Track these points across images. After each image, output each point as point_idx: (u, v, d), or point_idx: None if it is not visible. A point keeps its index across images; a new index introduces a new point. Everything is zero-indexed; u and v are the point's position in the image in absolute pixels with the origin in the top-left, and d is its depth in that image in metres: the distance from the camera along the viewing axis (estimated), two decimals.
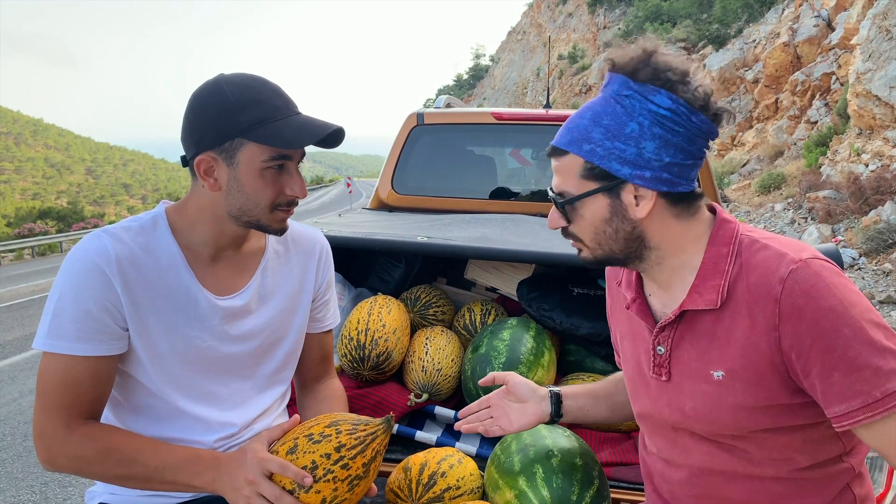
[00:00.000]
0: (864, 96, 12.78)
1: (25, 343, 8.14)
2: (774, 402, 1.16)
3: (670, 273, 1.27)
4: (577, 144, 1.20)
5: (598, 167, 1.19)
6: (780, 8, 22.66)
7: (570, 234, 1.29)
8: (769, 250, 1.17)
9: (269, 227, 1.40)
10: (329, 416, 1.36)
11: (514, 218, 3.07)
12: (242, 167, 1.34)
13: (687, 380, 1.26)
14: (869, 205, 10.90)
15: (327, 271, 1.72)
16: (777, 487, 1.23)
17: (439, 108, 3.98)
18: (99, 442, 1.31)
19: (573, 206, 1.24)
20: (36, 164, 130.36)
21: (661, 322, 1.28)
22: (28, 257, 21.71)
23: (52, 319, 1.31)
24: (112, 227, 1.40)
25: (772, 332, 1.13)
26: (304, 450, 1.27)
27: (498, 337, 2.18)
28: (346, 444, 1.27)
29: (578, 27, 50.13)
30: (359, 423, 1.33)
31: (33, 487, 4.17)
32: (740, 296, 1.17)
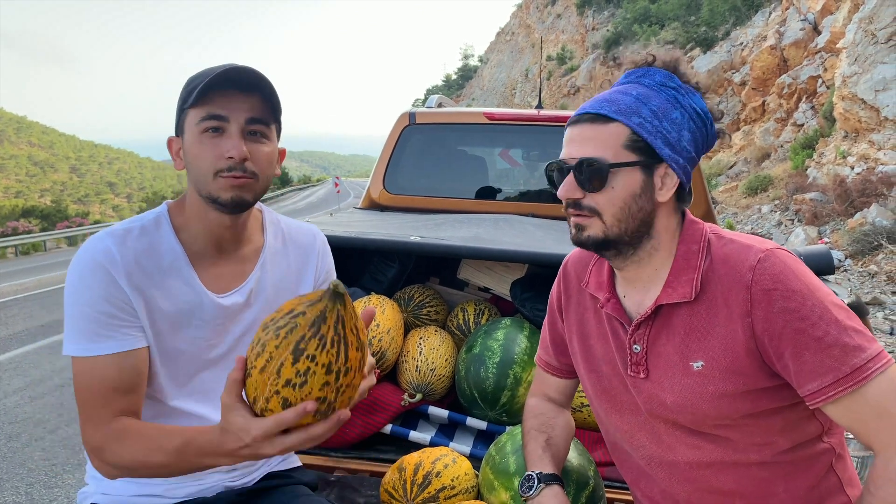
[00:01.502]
0: (850, 99, 12.90)
1: (9, 343, 8.05)
2: (753, 386, 1.21)
3: (651, 269, 1.31)
4: (626, 115, 1.23)
5: (643, 141, 1.23)
6: (767, 11, 22.84)
7: (585, 206, 1.26)
8: (736, 244, 1.25)
9: (218, 198, 1.35)
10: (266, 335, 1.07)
11: (507, 218, 3.06)
12: (187, 137, 1.37)
13: (666, 374, 1.28)
14: (855, 207, 11.00)
15: (326, 262, 1.70)
16: (763, 473, 1.27)
17: (431, 108, 3.97)
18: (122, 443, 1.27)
19: (607, 174, 1.23)
20: (19, 162, 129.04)
21: (637, 319, 1.31)
22: (11, 256, 21.46)
23: (74, 325, 1.30)
24: (115, 228, 1.38)
25: (745, 318, 1.18)
26: (273, 381, 1.04)
27: (492, 337, 2.17)
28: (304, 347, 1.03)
29: (567, 28, 50.27)
30: (290, 315, 1.05)
31: (18, 489, 4.11)
32: (713, 287, 1.23)
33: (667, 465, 1.35)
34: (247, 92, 1.36)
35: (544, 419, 1.55)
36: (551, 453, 1.47)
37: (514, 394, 2.07)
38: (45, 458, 4.55)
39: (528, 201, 3.59)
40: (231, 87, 1.34)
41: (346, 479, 1.89)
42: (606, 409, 1.44)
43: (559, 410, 1.60)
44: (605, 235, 1.26)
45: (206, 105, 1.33)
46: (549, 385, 1.63)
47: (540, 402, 1.61)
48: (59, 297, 11.61)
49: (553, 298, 1.59)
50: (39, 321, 9.47)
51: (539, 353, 1.66)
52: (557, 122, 3.56)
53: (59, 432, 5.01)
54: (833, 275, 2.20)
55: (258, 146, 1.38)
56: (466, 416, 2.15)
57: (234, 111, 1.34)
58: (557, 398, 1.63)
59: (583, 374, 1.49)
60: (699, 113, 1.26)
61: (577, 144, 1.26)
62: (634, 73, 1.30)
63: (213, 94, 1.33)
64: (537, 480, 1.39)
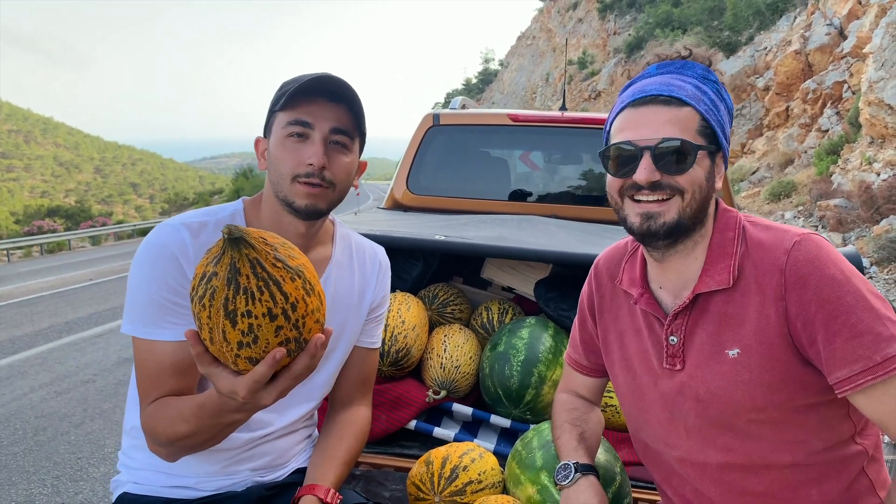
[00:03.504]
0: (877, 105, 12.74)
1: (35, 339, 8.18)
2: (788, 374, 1.20)
3: (691, 259, 1.30)
4: (695, 101, 1.24)
5: (710, 127, 1.24)
6: (792, 16, 22.61)
7: (667, 186, 1.23)
8: (773, 229, 1.26)
9: (293, 201, 1.39)
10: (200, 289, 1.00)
11: (530, 218, 3.07)
12: (273, 138, 1.40)
13: (701, 364, 1.28)
14: (880, 214, 10.85)
15: (384, 287, 1.72)
16: (795, 475, 1.25)
17: (455, 109, 3.98)
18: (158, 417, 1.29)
19: (695, 155, 1.22)
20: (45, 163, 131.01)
21: (675, 310, 1.31)
22: (37, 254, 21.81)
23: (138, 307, 1.33)
24: (191, 219, 1.41)
25: (779, 302, 1.18)
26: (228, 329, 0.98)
27: (517, 335, 2.18)
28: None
29: (588, 33, 50.10)
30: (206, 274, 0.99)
31: (45, 481, 4.18)
32: (749, 273, 1.23)
33: (698, 466, 1.33)
34: (334, 102, 1.39)
35: (578, 414, 1.56)
36: (585, 446, 1.47)
37: (539, 392, 2.08)
38: (71, 451, 4.63)
39: (552, 202, 3.60)
40: (320, 96, 1.37)
41: (371, 473, 1.91)
42: (638, 407, 1.43)
43: (590, 407, 1.62)
44: (679, 219, 1.23)
45: (294, 110, 1.36)
46: (577, 383, 1.64)
47: (571, 398, 1.62)
48: (83, 295, 11.79)
49: (584, 299, 1.59)
50: (64, 318, 9.61)
51: (569, 351, 1.66)
52: (582, 124, 3.56)
53: (84, 427, 5.08)
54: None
55: (339, 156, 1.41)
56: (490, 414, 2.16)
57: (319, 119, 1.37)
58: (587, 396, 1.64)
59: (617, 373, 1.48)
60: (731, 109, 1.30)
61: (652, 125, 1.23)
62: (672, 65, 1.29)
63: (302, 100, 1.36)
64: (574, 469, 1.39)
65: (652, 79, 1.28)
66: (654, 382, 1.37)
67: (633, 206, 1.26)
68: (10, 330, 8.85)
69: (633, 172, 1.23)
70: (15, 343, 7.99)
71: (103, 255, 20.78)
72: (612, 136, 1.30)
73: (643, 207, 1.24)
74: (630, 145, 1.24)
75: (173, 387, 1.34)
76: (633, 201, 1.26)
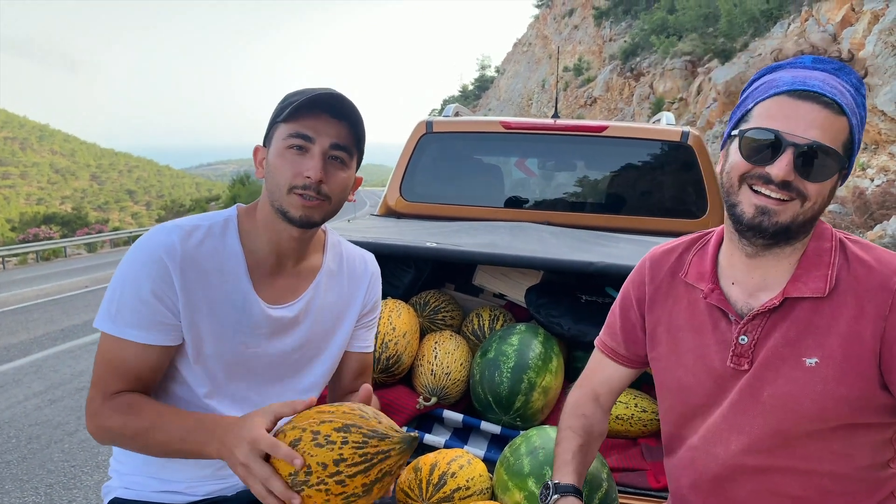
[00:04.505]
0: (870, 111, 12.81)
1: (30, 347, 8.17)
2: (863, 392, 1.19)
3: (786, 263, 1.28)
4: (852, 113, 1.18)
5: (852, 144, 1.20)
6: (786, 23, 22.73)
7: (795, 188, 1.17)
8: (876, 250, 1.25)
9: (288, 212, 1.40)
10: (349, 413, 1.22)
11: (522, 225, 3.09)
12: (272, 149, 1.42)
13: (772, 367, 1.26)
14: (874, 219, 10.90)
15: (375, 294, 1.74)
16: (830, 484, 1.26)
17: (448, 117, 4.00)
18: (121, 413, 1.35)
19: (837, 169, 1.18)
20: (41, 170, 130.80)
21: (758, 309, 1.27)
22: (32, 262, 21.77)
23: (115, 304, 1.36)
24: (185, 223, 1.44)
25: (879, 321, 1.17)
26: (305, 449, 1.17)
27: (507, 342, 2.19)
28: (346, 460, 1.15)
29: (584, 39, 50.30)
30: (373, 437, 1.17)
31: (38, 489, 4.18)
32: (847, 287, 1.22)
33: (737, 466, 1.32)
34: (337, 118, 1.41)
35: (587, 422, 1.51)
36: (579, 461, 1.43)
37: (528, 399, 2.09)
38: (65, 459, 4.62)
39: (545, 209, 3.61)
40: (324, 111, 1.39)
41: None
42: (684, 404, 1.40)
43: (601, 416, 1.55)
44: (791, 222, 1.19)
45: (296, 123, 1.38)
46: (603, 376, 1.57)
47: (586, 401, 1.56)
48: (78, 302, 11.78)
49: (630, 290, 1.53)
50: (59, 325, 9.60)
51: (603, 338, 1.59)
52: (573, 131, 3.58)
53: (77, 434, 5.08)
54: None
55: (336, 171, 1.43)
56: (481, 421, 2.16)
57: (320, 134, 1.39)
58: (603, 395, 1.57)
59: (666, 368, 1.44)
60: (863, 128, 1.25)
61: (806, 123, 1.15)
62: (830, 64, 1.21)
63: (304, 113, 1.38)
64: (553, 491, 1.35)
65: (811, 72, 1.20)
66: (711, 380, 1.34)
67: (751, 195, 1.20)
68: (5, 338, 8.84)
69: (767, 163, 1.17)
70: (9, 351, 7.97)
71: (99, 262, 20.75)
72: (755, 117, 1.22)
73: (762, 200, 1.19)
74: (777, 135, 1.16)
75: (135, 385, 1.39)
76: (752, 191, 1.20)
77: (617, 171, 3.70)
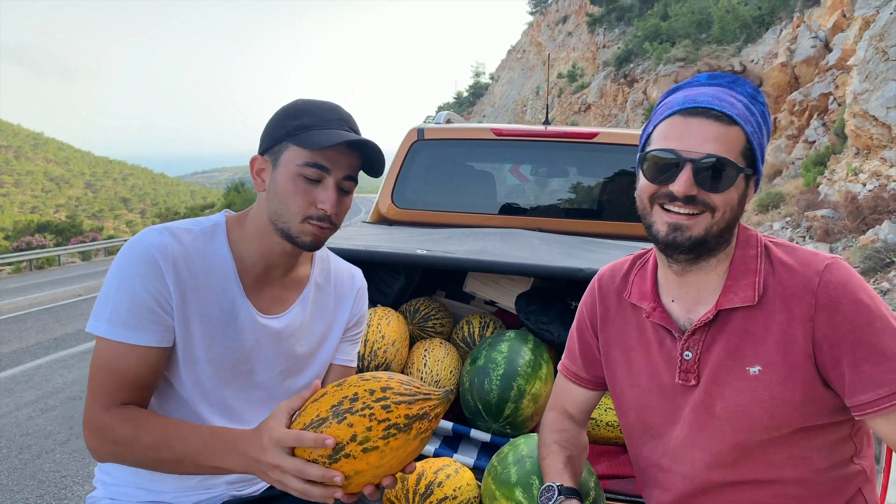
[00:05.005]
0: (862, 116, 12.88)
1: (22, 356, 8.12)
2: (807, 394, 1.21)
3: (715, 277, 1.30)
4: (745, 121, 1.22)
5: (752, 151, 1.23)
6: (778, 29, 22.85)
7: (700, 202, 1.21)
8: (800, 251, 1.27)
9: (298, 238, 1.39)
10: (387, 372, 1.28)
11: (513, 232, 3.08)
12: (281, 169, 1.38)
13: (718, 380, 1.27)
14: (867, 224, 10.94)
15: (360, 309, 1.73)
16: (798, 491, 1.27)
17: (440, 124, 4.00)
18: (131, 425, 1.31)
19: (736, 177, 1.21)
20: (35, 178, 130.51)
21: (694, 325, 1.29)
22: (26, 270, 21.68)
23: (109, 307, 1.33)
24: (174, 225, 1.42)
25: (807, 323, 1.19)
26: (350, 383, 1.18)
27: (496, 349, 2.19)
28: (393, 388, 1.15)
29: (578, 46, 50.47)
30: (414, 381, 1.21)
31: (28, 500, 4.14)
32: (774, 292, 1.24)
33: (704, 481, 1.32)
34: (351, 149, 1.40)
35: (568, 436, 1.53)
36: (571, 470, 1.44)
37: (518, 406, 2.08)
38: (56, 469, 4.59)
39: (536, 216, 3.62)
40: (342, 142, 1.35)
41: None
42: (644, 423, 1.41)
43: (579, 430, 1.58)
44: (705, 235, 1.22)
45: (313, 152, 1.35)
46: (570, 398, 1.60)
47: (561, 419, 1.59)
48: (72, 311, 11.73)
49: (584, 311, 1.56)
50: (52, 334, 9.55)
51: (564, 363, 1.62)
52: (564, 138, 3.58)
53: (69, 444, 5.05)
54: None
55: (344, 199, 1.43)
56: (470, 429, 2.15)
57: (337, 166, 1.38)
58: (577, 414, 1.60)
59: (621, 387, 1.45)
60: (769, 134, 1.29)
61: (699, 138, 1.20)
62: (724, 78, 1.26)
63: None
64: (557, 492, 1.35)
65: (702, 88, 1.25)
66: (665, 397, 1.35)
67: (663, 214, 1.24)
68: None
69: (671, 182, 1.21)
70: (1, 360, 7.92)
71: (94, 270, 20.68)
72: (654, 140, 1.26)
73: (672, 218, 1.23)
74: (673, 154, 1.21)
75: (131, 395, 1.35)
76: (663, 210, 1.24)
77: (608, 177, 3.70)
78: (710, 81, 1.25)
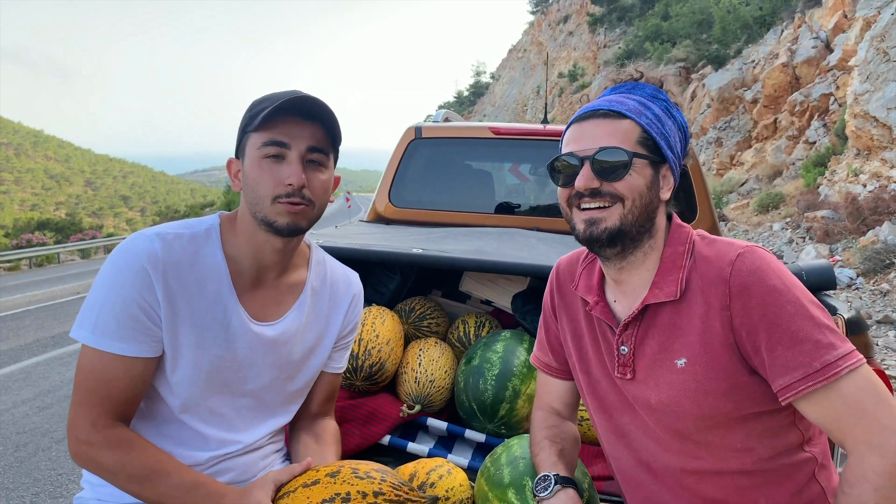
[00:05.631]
0: (862, 117, 12.85)
1: (20, 353, 8.11)
2: (734, 383, 1.23)
3: (643, 271, 1.34)
4: (636, 114, 1.29)
5: (652, 140, 1.29)
6: (779, 29, 22.82)
7: (606, 193, 1.28)
8: (719, 242, 1.31)
9: (274, 222, 1.38)
10: (377, 464, 1.35)
11: (510, 231, 3.07)
12: (247, 160, 1.39)
13: (652, 374, 1.31)
14: (867, 225, 10.92)
15: (355, 316, 1.72)
16: (744, 481, 1.29)
17: (437, 122, 3.99)
18: (117, 453, 1.30)
19: (630, 162, 1.27)
20: (35, 176, 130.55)
21: (625, 320, 1.34)
22: (25, 268, 21.67)
23: (96, 315, 1.31)
24: (166, 230, 1.40)
25: (724, 312, 1.22)
26: (345, 479, 1.25)
27: (492, 349, 2.17)
28: (385, 495, 1.25)
29: (579, 46, 50.45)
30: (405, 485, 1.31)
31: (24, 498, 4.13)
32: (695, 285, 1.27)
33: (653, 470, 1.37)
34: (309, 120, 1.39)
35: (556, 431, 1.56)
36: (565, 462, 1.47)
37: (513, 406, 2.07)
38: (52, 468, 4.58)
39: (534, 216, 3.60)
40: (294, 115, 1.36)
41: None
42: (598, 411, 1.46)
43: (567, 423, 1.62)
44: (621, 224, 1.27)
45: (268, 131, 1.35)
46: (552, 394, 1.64)
47: (547, 415, 1.62)
48: (71, 309, 11.71)
49: (547, 301, 1.62)
50: (51, 332, 9.54)
51: (536, 353, 1.67)
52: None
53: (65, 443, 5.03)
54: (834, 290, 2.19)
55: (316, 174, 1.41)
56: (465, 429, 2.14)
57: (295, 138, 1.37)
58: (562, 410, 1.63)
59: (578, 375, 1.51)
60: (681, 127, 1.34)
61: (593, 137, 1.29)
62: (624, 87, 1.36)
63: (276, 120, 1.35)
64: (554, 481, 1.38)
65: (601, 98, 1.36)
66: (611, 389, 1.41)
67: (580, 213, 1.32)
68: None
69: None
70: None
71: (93, 268, 20.66)
72: (560, 151, 1.37)
73: (587, 214, 1.30)
74: (573, 157, 1.31)
75: (118, 407, 1.33)
76: (580, 210, 1.31)
77: None
78: (613, 91, 1.37)
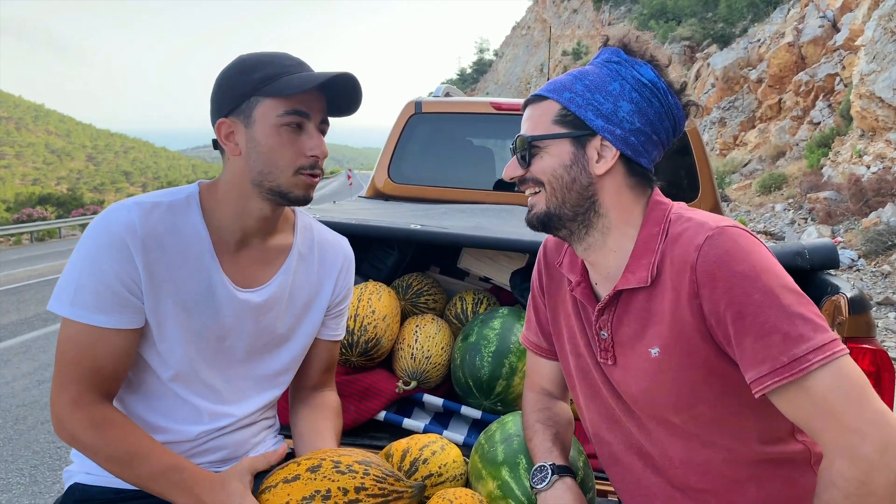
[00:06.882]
0: (868, 98, 12.75)
1: (21, 327, 8.13)
2: (711, 372, 1.16)
3: (612, 253, 1.28)
4: (557, 92, 1.26)
5: (572, 114, 1.24)
6: (786, 8, 22.59)
7: (528, 181, 1.30)
8: (692, 222, 1.19)
9: (290, 192, 1.35)
10: (361, 453, 1.33)
11: (509, 208, 3.04)
12: (258, 125, 1.33)
13: (630, 362, 1.26)
14: (869, 206, 10.88)
15: (347, 282, 1.68)
16: (732, 471, 1.23)
17: (438, 97, 3.94)
18: (97, 434, 1.28)
19: (538, 146, 1.26)
20: (36, 150, 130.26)
21: (599, 305, 1.29)
22: (27, 242, 21.68)
23: (74, 288, 1.28)
24: (144, 199, 1.36)
25: (693, 300, 1.14)
26: (326, 474, 1.23)
27: (489, 326, 2.16)
28: (367, 489, 1.23)
29: (583, 23, 50.00)
30: (390, 475, 1.29)
31: (23, 470, 4.15)
32: (666, 270, 1.19)
33: (641, 456, 1.32)
34: (320, 91, 1.37)
35: (549, 413, 1.52)
36: (560, 447, 1.42)
37: (510, 383, 2.05)
38: (51, 440, 4.59)
39: None
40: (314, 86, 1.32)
41: None
42: (585, 394, 1.40)
43: (559, 404, 1.57)
44: (547, 208, 1.27)
45: (289, 99, 1.32)
46: (542, 374, 1.59)
47: (539, 396, 1.57)
48: None
49: (535, 279, 1.56)
50: None
51: (526, 333, 1.62)
52: None
53: None
54: (837, 269, 2.17)
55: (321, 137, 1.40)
56: (461, 405, 2.13)
57: (314, 110, 1.36)
58: (554, 390, 1.59)
59: (566, 355, 1.45)
60: (645, 83, 1.23)
61: (523, 125, 1.32)
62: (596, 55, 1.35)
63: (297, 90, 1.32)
64: (551, 472, 1.34)
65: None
66: (598, 371, 1.35)
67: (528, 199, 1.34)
68: None
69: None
70: (0, 331, 7.93)
71: None
72: None
73: (528, 201, 1.33)
74: (511, 153, 1.34)
75: (100, 382, 1.31)
76: (524, 192, 1.34)
77: None
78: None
